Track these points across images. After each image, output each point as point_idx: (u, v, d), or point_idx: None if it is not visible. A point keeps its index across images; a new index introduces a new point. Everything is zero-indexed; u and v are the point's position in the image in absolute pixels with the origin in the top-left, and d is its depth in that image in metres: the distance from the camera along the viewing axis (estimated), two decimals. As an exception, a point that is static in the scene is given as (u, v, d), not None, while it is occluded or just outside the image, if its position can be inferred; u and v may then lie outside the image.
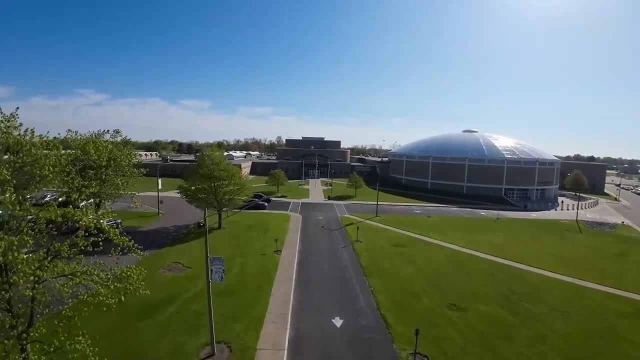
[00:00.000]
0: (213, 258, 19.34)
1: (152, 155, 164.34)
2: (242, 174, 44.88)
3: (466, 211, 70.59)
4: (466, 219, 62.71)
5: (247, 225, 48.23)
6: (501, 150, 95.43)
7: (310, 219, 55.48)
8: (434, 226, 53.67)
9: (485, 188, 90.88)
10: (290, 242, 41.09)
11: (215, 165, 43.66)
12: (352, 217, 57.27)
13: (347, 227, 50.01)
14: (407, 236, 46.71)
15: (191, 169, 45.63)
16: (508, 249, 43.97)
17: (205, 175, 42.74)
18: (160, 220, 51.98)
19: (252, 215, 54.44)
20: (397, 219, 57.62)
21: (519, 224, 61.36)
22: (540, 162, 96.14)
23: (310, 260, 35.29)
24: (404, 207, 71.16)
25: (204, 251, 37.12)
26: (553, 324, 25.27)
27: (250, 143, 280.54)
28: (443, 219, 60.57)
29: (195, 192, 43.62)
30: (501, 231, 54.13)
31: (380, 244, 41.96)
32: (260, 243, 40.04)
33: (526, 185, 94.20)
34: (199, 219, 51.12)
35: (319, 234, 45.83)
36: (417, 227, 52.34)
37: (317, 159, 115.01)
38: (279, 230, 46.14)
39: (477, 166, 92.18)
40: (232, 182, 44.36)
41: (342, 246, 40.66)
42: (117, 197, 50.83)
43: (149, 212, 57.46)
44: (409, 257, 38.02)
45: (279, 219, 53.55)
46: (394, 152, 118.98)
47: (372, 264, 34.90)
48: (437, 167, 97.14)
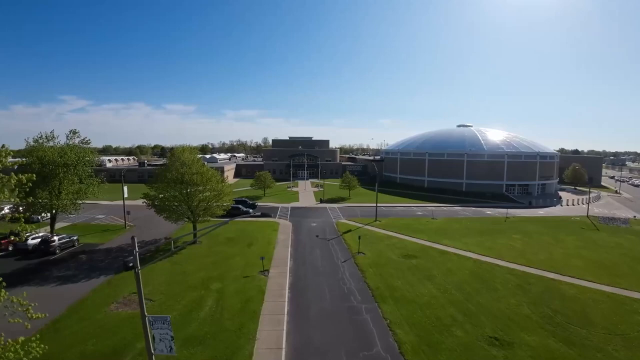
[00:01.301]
0: (154, 318, 12.01)
1: (129, 160, 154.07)
2: (225, 177, 37.69)
3: (470, 210, 64.86)
4: (473, 219, 56.84)
5: (228, 237, 40.91)
6: (500, 144, 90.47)
7: (302, 226, 48.53)
8: (442, 230, 47.47)
9: (486, 185, 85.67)
10: (279, 258, 34.01)
11: (187, 168, 36.32)
12: (350, 223, 50.56)
13: (345, 235, 43.24)
14: (415, 244, 40.26)
15: (158, 173, 38.11)
16: (530, 255, 38.49)
17: (174, 180, 35.35)
18: (126, 235, 44.21)
19: (234, 225, 47.07)
20: (400, 223, 51.21)
21: (531, 223, 55.97)
22: (541, 155, 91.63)
23: (306, 283, 28.30)
24: (404, 208, 64.94)
25: (173, 275, 29.63)
26: (617, 355, 19.75)
27: (236, 145, 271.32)
28: (449, 221, 54.52)
29: (164, 201, 36.20)
30: (515, 232, 48.52)
31: (387, 256, 35.34)
32: (242, 261, 32.84)
33: (527, 180, 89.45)
34: (172, 232, 43.61)
35: (313, 246, 38.91)
36: (424, 232, 46.03)
37: (306, 158, 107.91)
38: (265, 243, 39.02)
39: (476, 162, 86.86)
40: (209, 187, 37.10)
41: (343, 260, 33.83)
42: (74, 208, 43.05)
43: (116, 225, 49.57)
44: (424, 271, 31.52)
45: (265, 228, 46.38)
46: (388, 150, 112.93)
47: (382, 284, 28.20)
48: (434, 164, 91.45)
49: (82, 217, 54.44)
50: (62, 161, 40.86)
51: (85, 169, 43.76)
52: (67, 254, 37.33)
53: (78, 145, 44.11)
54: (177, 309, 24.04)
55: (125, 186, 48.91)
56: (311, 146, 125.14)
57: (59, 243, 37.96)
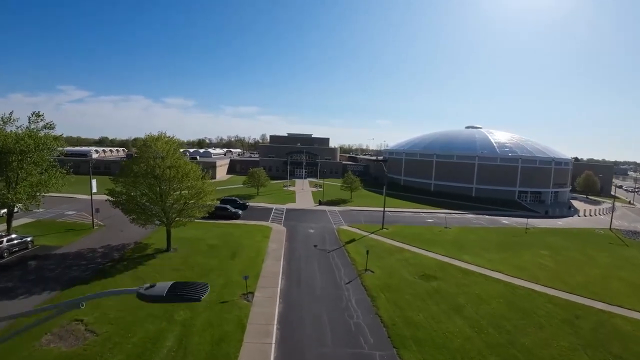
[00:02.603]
0: None
1: (118, 151, 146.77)
2: (204, 174, 30.95)
3: (485, 219, 58.67)
4: (490, 230, 50.66)
5: (210, 244, 34.35)
6: (513, 147, 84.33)
7: (298, 232, 42.04)
8: (458, 242, 41.21)
9: (497, 190, 79.54)
10: (268, 275, 27.52)
11: (160, 161, 29.79)
12: (353, 230, 44.14)
13: (349, 246, 36.81)
14: (432, 260, 33.95)
15: (123, 165, 31.50)
16: (566, 276, 32.94)
17: (142, 174, 28.80)
18: (91, 237, 37.68)
19: (219, 229, 40.55)
20: (410, 231, 44.86)
21: (554, 236, 50.03)
22: (556, 161, 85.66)
23: (300, 315, 21.86)
24: (412, 214, 58.59)
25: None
26: None
27: (233, 141, 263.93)
28: (463, 231, 48.27)
29: (131, 200, 29.69)
30: (542, 247, 42.53)
31: (401, 276, 28.97)
32: (222, 278, 26.33)
33: (541, 187, 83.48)
34: (145, 236, 37.06)
35: (311, 259, 32.42)
36: (439, 244, 39.76)
37: (304, 156, 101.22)
38: (253, 254, 32.51)
39: (488, 165, 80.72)
40: (186, 184, 30.60)
41: (347, 281, 27.38)
42: (32, 203, 36.52)
43: (83, 224, 42.95)
44: (449, 299, 25.23)
45: (255, 233, 39.82)
46: (392, 150, 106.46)
47: (399, 317, 21.86)
48: (442, 167, 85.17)
49: (50, 213, 47.90)
50: (17, 148, 34.27)
51: (45, 157, 37.17)
52: (16, 259, 30.88)
53: (39, 131, 37.49)
54: (125, 350, 17.63)
55: (94, 179, 42.16)
56: (310, 144, 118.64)
57: (7, 245, 31.43)
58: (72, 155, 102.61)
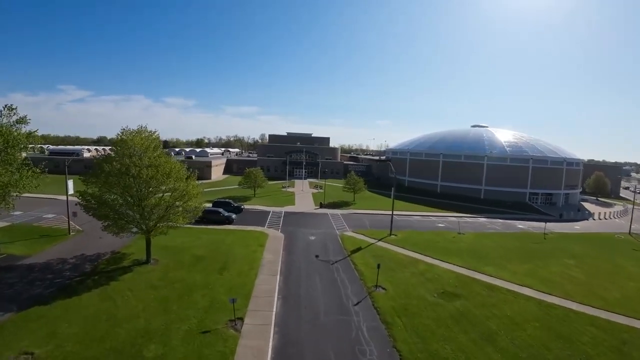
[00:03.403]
0: None
1: (105, 150, 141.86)
2: (192, 175, 27.18)
3: (499, 223, 54.61)
4: (507, 236, 46.58)
5: (196, 255, 30.15)
6: (524, 147, 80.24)
7: (298, 240, 37.81)
8: (476, 251, 37.14)
9: (507, 192, 75.49)
10: (262, 294, 23.36)
11: (136, 159, 25.64)
12: (358, 237, 39.95)
13: (355, 256, 32.64)
14: (450, 273, 29.81)
15: (95, 163, 27.28)
16: (600, 290, 29.28)
17: (114, 173, 24.63)
18: (65, 245, 33.59)
19: (208, 236, 36.35)
20: (421, 238, 40.73)
21: (574, 243, 46.17)
22: (568, 162, 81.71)
23: (300, 349, 17.63)
24: (420, 218, 54.42)
25: (95, 321, 19.35)
26: None
27: (232, 141, 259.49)
28: (478, 237, 44.18)
29: (103, 204, 25.54)
30: (566, 255, 38.73)
31: (419, 294, 24.83)
32: (206, 299, 22.15)
33: (552, 189, 79.50)
34: (123, 244, 32.87)
35: (312, 273, 28.18)
36: (455, 253, 35.67)
37: (304, 155, 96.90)
38: (246, 266, 28.32)
39: (497, 166, 76.62)
40: (168, 186, 26.45)
41: (356, 302, 23.19)
42: (2, 204, 32.40)
43: (60, 229, 38.83)
44: (478, 324, 21.13)
45: (249, 241, 35.60)
46: (395, 149, 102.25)
47: (421, 353, 17.71)
48: (449, 167, 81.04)
49: (27, 217, 43.79)
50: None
51: (17, 156, 32.96)
52: (-22, 269, 26.81)
53: (12, 126, 33.29)
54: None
55: (70, 180, 37.92)
56: (310, 143, 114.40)
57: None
58: (60, 154, 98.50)
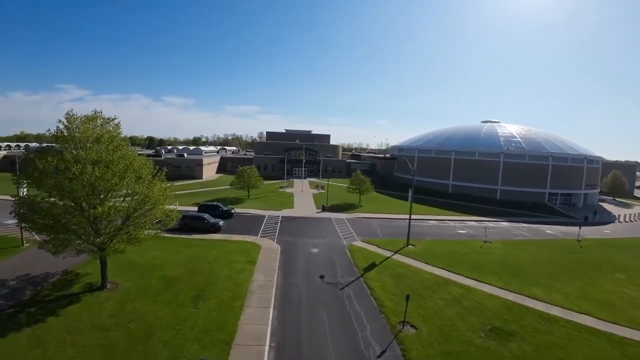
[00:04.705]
0: None
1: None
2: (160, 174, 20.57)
3: (524, 228, 48.26)
4: (539, 244, 40.23)
5: (167, 277, 23.55)
6: (543, 143, 73.84)
7: (297, 254, 31.01)
8: (513, 266, 30.69)
9: (525, 193, 69.15)
10: (247, 341, 16.77)
11: (82, 153, 19.11)
12: (370, 248, 33.37)
13: (370, 276, 26.04)
14: (493, 298, 23.30)
15: (28, 159, 20.69)
16: None
17: (49, 172, 18.10)
18: (12, 260, 27.12)
19: (188, 249, 29.72)
20: (444, 249, 34.21)
21: (614, 251, 40.29)
22: (589, 159, 75.49)
23: None
24: (436, 222, 47.93)
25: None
26: None
27: (230, 139, 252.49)
28: (509, 246, 37.76)
29: (36, 212, 19.02)
30: (613, 269, 32.68)
31: (461, 334, 18.30)
32: (167, 351, 15.55)
33: (572, 188, 73.22)
34: (79, 262, 26.28)
35: (316, 304, 21.36)
36: (489, 268, 29.20)
37: (304, 152, 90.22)
38: (228, 294, 21.65)
39: (515, 164, 70.20)
40: (123, 190, 19.90)
41: (379, 351, 16.52)
42: None
43: (15, 238, 32.27)
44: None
45: (237, 256, 28.79)
46: (402, 146, 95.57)
47: None
48: (462, 165, 74.55)
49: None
50: None
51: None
52: None
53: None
54: None
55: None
56: (310, 140, 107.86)
57: None
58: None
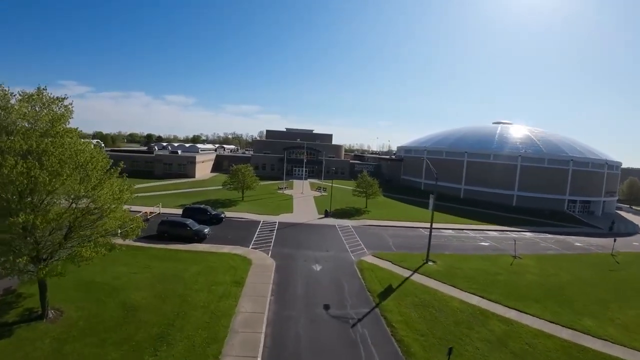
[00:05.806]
0: None
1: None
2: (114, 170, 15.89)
3: (551, 240, 43.17)
4: (573, 259, 35.14)
5: (128, 303, 18.35)
6: (561, 146, 68.74)
7: (296, 274, 25.49)
8: (554, 289, 25.56)
9: (543, 199, 64.01)
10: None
11: (9, 141, 14.02)
12: (384, 265, 28.05)
13: (387, 306, 20.70)
14: (544, 336, 18.11)
15: None
16: None
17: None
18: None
19: (162, 263, 24.48)
20: (470, 267, 28.90)
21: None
22: (609, 165, 70.47)
23: None
24: (454, 232, 42.71)
25: None
26: None
27: (230, 138, 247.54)
28: (542, 263, 32.55)
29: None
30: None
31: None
32: None
33: (591, 196, 68.15)
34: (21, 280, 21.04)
35: (320, 353, 15.98)
36: (528, 293, 24.08)
37: (305, 152, 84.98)
38: (202, 333, 16.42)
39: (532, 168, 65.07)
40: (64, 190, 14.80)
41: None
42: None
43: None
44: None
45: (220, 276, 23.33)
46: (409, 147, 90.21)
47: None
48: (475, 168, 69.31)
49: None
50: None
51: None
52: None
53: None
54: None
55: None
56: (312, 140, 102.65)
57: None
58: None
